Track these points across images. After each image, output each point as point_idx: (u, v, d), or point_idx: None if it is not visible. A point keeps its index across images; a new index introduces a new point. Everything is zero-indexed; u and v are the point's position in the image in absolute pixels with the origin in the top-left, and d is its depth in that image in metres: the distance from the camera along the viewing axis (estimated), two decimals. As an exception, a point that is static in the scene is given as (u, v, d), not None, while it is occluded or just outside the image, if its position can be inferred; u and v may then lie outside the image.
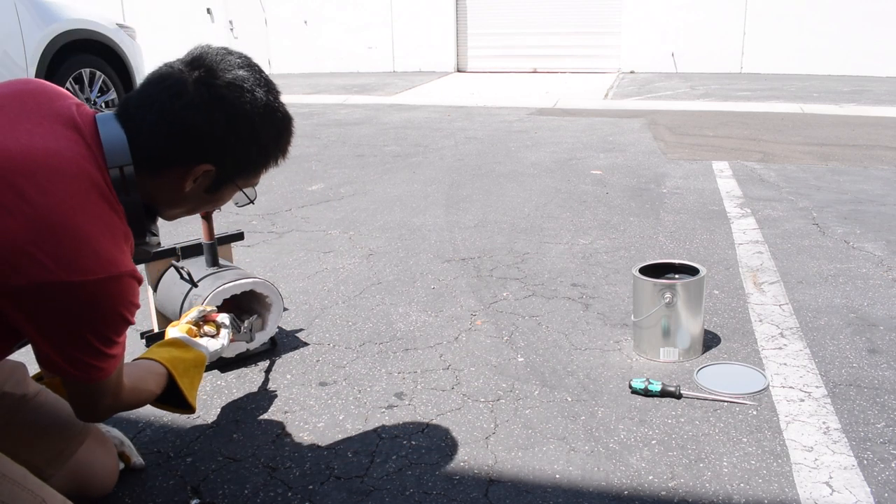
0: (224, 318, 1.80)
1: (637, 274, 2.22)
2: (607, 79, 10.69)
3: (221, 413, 1.94)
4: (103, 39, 5.47)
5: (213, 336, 1.75)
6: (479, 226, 3.57)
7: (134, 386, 1.37)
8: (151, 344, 2.28)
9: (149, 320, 2.38)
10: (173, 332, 1.69)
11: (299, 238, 3.44)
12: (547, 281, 2.83)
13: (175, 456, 1.75)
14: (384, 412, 1.92)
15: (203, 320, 1.77)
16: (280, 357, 2.24)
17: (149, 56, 5.08)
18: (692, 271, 2.25)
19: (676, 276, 2.27)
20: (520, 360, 2.19)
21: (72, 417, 1.42)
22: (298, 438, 1.81)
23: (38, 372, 1.49)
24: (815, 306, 2.55)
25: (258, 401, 2.00)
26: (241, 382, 2.09)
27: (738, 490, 1.59)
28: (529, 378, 2.09)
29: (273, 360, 2.22)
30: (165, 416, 1.90)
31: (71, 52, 5.24)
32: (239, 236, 2.45)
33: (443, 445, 1.77)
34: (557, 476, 1.65)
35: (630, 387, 1.99)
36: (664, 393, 1.96)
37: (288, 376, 2.13)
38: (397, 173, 4.78)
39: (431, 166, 4.97)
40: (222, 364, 2.17)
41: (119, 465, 1.63)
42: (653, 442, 1.77)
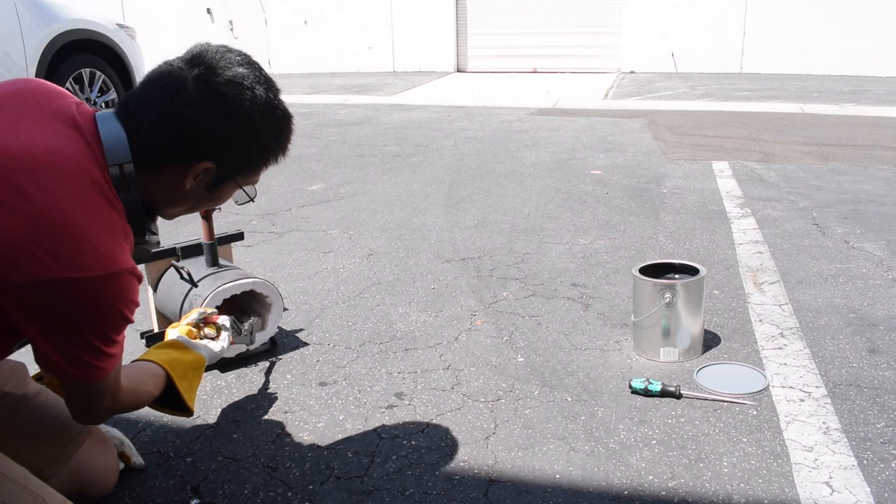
0: (224, 321, 1.80)
1: (637, 274, 2.22)
2: (607, 79, 10.69)
3: (221, 413, 1.94)
4: (103, 39, 5.48)
5: (213, 338, 1.74)
6: (479, 226, 3.57)
7: (132, 387, 1.37)
8: (151, 344, 2.29)
9: (149, 320, 2.38)
10: (173, 334, 1.68)
11: (299, 238, 3.44)
12: (547, 281, 2.83)
13: (175, 456, 1.75)
14: (384, 412, 1.92)
15: (203, 322, 1.76)
16: (280, 357, 2.24)
17: (149, 56, 5.08)
18: (692, 271, 2.25)
19: (676, 276, 2.27)
20: (520, 360, 2.19)
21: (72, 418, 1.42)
22: (298, 438, 1.81)
23: (38, 372, 1.48)
24: (815, 306, 2.55)
25: (258, 401, 2.00)
26: (241, 382, 2.10)
27: (738, 490, 1.59)
28: (529, 378, 2.09)
29: (273, 360, 2.22)
30: (165, 417, 1.90)
31: (71, 52, 5.24)
32: (239, 236, 2.45)
33: (443, 445, 1.77)
34: (557, 476, 1.65)
35: (630, 387, 1.99)
36: (664, 393, 1.96)
37: (288, 376, 2.13)
38: (397, 173, 4.78)
39: (431, 166, 4.98)
40: (222, 364, 2.17)
41: (119, 465, 1.64)
42: (653, 442, 1.77)
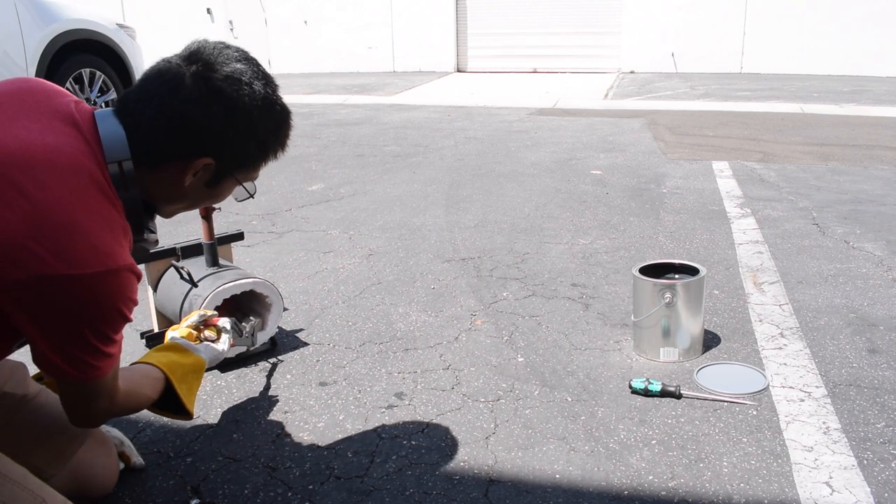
0: (225, 323, 1.79)
1: (637, 274, 2.22)
2: (607, 79, 10.69)
3: (221, 413, 1.94)
4: (103, 39, 5.47)
5: (214, 341, 1.73)
6: (479, 226, 3.57)
7: (129, 390, 1.36)
8: (151, 343, 2.29)
9: (149, 320, 2.39)
10: (173, 336, 1.67)
11: (299, 238, 3.44)
12: (547, 281, 2.83)
13: (175, 456, 1.75)
14: (384, 412, 1.92)
15: (204, 324, 1.75)
16: (280, 357, 2.24)
17: (149, 56, 5.07)
18: (692, 271, 2.25)
19: (676, 276, 2.27)
20: (520, 360, 2.19)
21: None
22: (298, 438, 1.81)
23: (38, 372, 1.48)
24: (815, 306, 2.55)
25: (258, 401, 2.00)
26: (241, 382, 2.10)
27: (738, 490, 1.59)
28: (529, 378, 2.09)
29: (273, 361, 2.22)
30: (165, 417, 1.89)
31: (71, 52, 5.24)
32: (239, 236, 2.45)
33: (443, 445, 1.77)
34: (557, 476, 1.65)
35: (630, 387, 1.99)
36: (664, 393, 1.96)
37: (288, 376, 2.13)
38: (397, 173, 4.78)
39: (431, 166, 4.97)
40: (222, 364, 2.16)
41: (119, 465, 1.63)
42: (653, 442, 1.77)
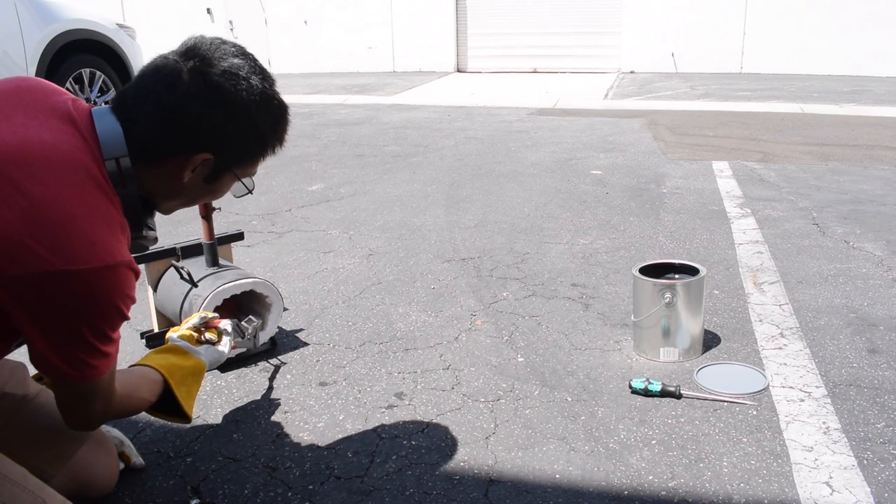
0: (226, 325, 1.77)
1: (637, 274, 2.22)
2: (607, 79, 10.69)
3: (221, 413, 1.94)
4: (103, 39, 5.48)
5: (215, 343, 1.72)
6: (479, 226, 3.57)
7: (126, 392, 1.36)
8: (151, 344, 2.29)
9: (149, 320, 2.39)
10: (173, 338, 1.67)
11: (299, 238, 3.44)
12: (547, 281, 2.83)
13: (175, 456, 1.75)
14: (384, 412, 1.92)
15: (205, 326, 1.74)
16: (280, 357, 2.24)
17: (149, 56, 5.08)
18: (692, 271, 2.25)
19: (676, 276, 2.27)
20: (520, 360, 2.19)
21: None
22: (298, 438, 1.81)
23: (38, 373, 1.48)
24: (815, 306, 2.55)
25: (258, 401, 2.00)
26: (241, 382, 2.10)
27: (738, 490, 1.59)
28: (529, 378, 2.09)
29: (273, 361, 2.22)
30: (164, 420, 1.89)
31: (71, 52, 5.24)
32: (239, 236, 2.45)
33: (443, 445, 1.77)
34: (557, 476, 1.65)
35: (630, 387, 1.99)
36: (664, 393, 1.96)
37: (288, 376, 2.13)
38: (397, 173, 4.78)
39: (431, 166, 4.97)
40: (222, 364, 2.16)
41: (119, 466, 1.63)
42: (653, 442, 1.77)
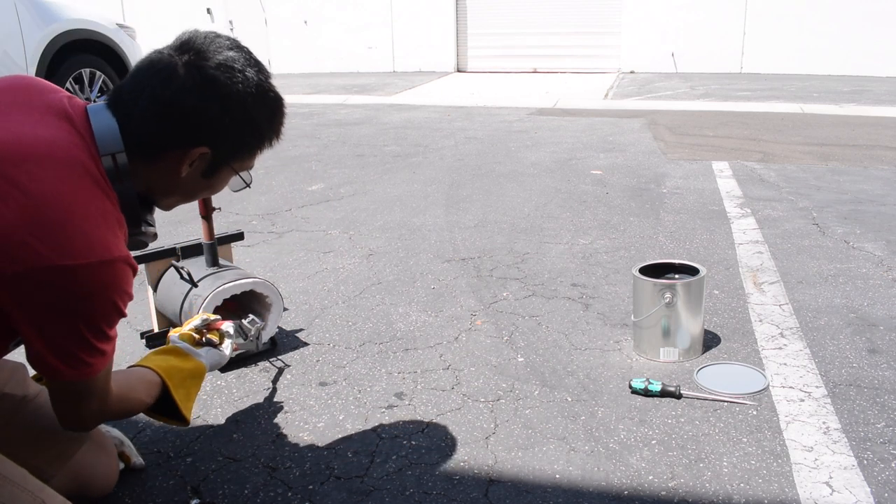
0: (228, 327, 1.74)
1: (637, 274, 2.22)
2: (607, 79, 10.69)
3: (221, 413, 1.94)
4: (103, 39, 5.48)
5: (216, 345, 1.69)
6: (479, 226, 3.57)
7: (122, 393, 1.35)
8: (151, 344, 2.29)
9: (149, 320, 2.38)
10: (174, 339, 1.65)
11: (299, 238, 3.44)
12: (547, 281, 2.83)
13: (175, 456, 1.75)
14: (384, 412, 1.92)
15: (207, 328, 1.71)
16: (280, 357, 2.24)
17: (149, 56, 5.07)
18: (692, 271, 2.25)
19: (676, 276, 2.27)
20: (520, 360, 2.19)
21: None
22: (298, 438, 1.81)
23: (38, 373, 1.48)
24: (815, 306, 2.55)
25: (258, 401, 2.00)
26: (241, 382, 2.10)
27: (738, 490, 1.59)
28: (529, 378, 2.09)
29: (273, 361, 2.22)
30: (162, 422, 1.89)
31: (71, 52, 5.25)
32: (239, 236, 2.45)
33: (443, 445, 1.77)
34: (557, 476, 1.65)
35: (630, 387, 1.99)
36: (664, 393, 1.96)
37: (288, 376, 2.13)
38: (397, 173, 4.78)
39: (431, 166, 4.97)
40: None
41: (119, 466, 1.63)
42: (653, 442, 1.77)
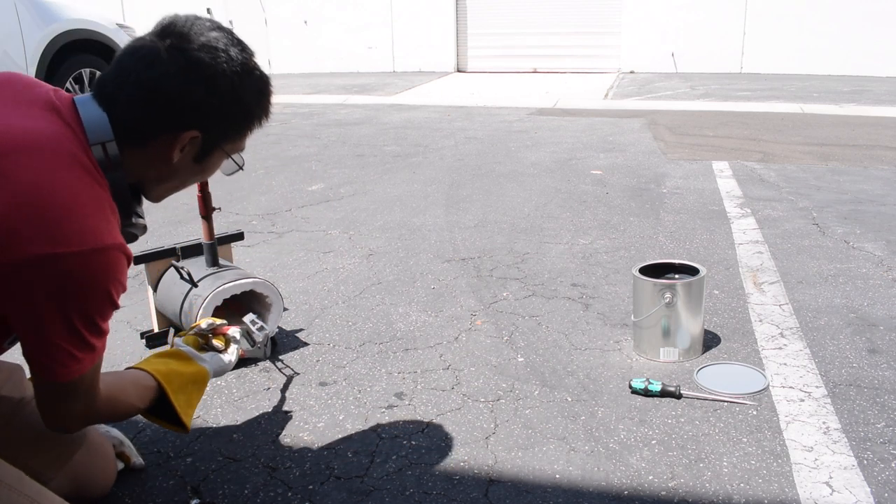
0: (235, 332, 1.71)
1: (637, 274, 2.22)
2: (607, 79, 10.69)
3: (221, 413, 1.94)
4: (103, 39, 5.48)
5: (221, 351, 1.65)
6: (479, 226, 3.57)
7: (111, 395, 1.31)
8: (152, 343, 2.29)
9: (149, 320, 2.38)
10: (178, 343, 1.61)
11: (299, 238, 3.44)
12: (547, 281, 2.83)
13: (175, 456, 1.75)
14: (384, 412, 1.92)
15: (212, 333, 1.67)
16: (280, 357, 2.24)
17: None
18: (692, 271, 2.25)
19: (676, 276, 2.27)
20: (520, 360, 2.19)
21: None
22: (298, 438, 1.81)
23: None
24: (815, 306, 2.55)
25: (258, 401, 2.00)
26: (241, 382, 2.10)
27: (738, 490, 1.59)
28: (529, 378, 2.09)
29: (273, 360, 2.22)
30: (162, 427, 1.89)
31: (71, 52, 5.25)
32: (239, 236, 2.45)
33: (443, 445, 1.77)
34: (557, 476, 1.65)
35: (630, 387, 1.99)
36: (664, 393, 1.96)
37: (288, 376, 2.13)
38: (397, 173, 4.78)
39: (431, 166, 4.97)
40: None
41: (117, 466, 1.63)
42: (653, 442, 1.77)
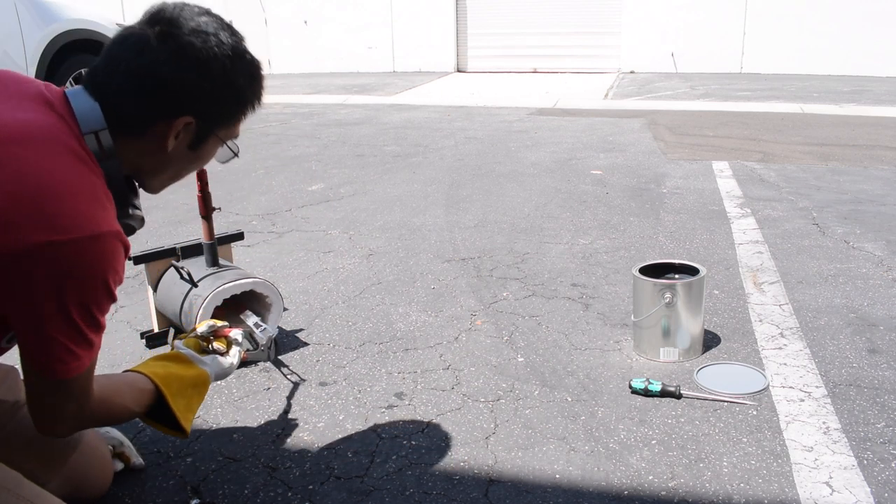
0: (237, 335, 1.67)
1: (637, 274, 2.22)
2: (607, 79, 10.69)
3: (221, 413, 1.94)
4: (103, 39, 5.47)
5: (223, 353, 1.61)
6: (479, 226, 3.57)
7: (105, 398, 1.28)
8: (152, 343, 2.29)
9: (149, 320, 2.38)
10: (178, 346, 1.58)
11: (299, 238, 3.44)
12: (547, 281, 2.83)
13: (175, 456, 1.75)
14: (384, 412, 1.92)
15: (213, 335, 1.64)
16: (280, 357, 2.24)
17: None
18: (692, 271, 2.25)
19: (676, 276, 2.27)
20: (520, 360, 2.19)
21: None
22: (298, 438, 1.81)
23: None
24: (815, 306, 2.55)
25: (258, 401, 2.00)
26: (241, 382, 2.10)
27: (738, 490, 1.59)
28: (529, 378, 2.09)
29: (273, 360, 2.22)
30: (161, 431, 1.87)
31: (71, 52, 5.25)
32: (239, 236, 2.45)
33: (443, 445, 1.77)
34: (557, 476, 1.65)
35: (630, 387, 1.99)
36: (664, 393, 1.96)
37: (288, 376, 2.13)
38: (397, 173, 4.78)
39: (431, 166, 4.97)
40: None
41: (114, 467, 1.62)
42: (653, 442, 1.77)
